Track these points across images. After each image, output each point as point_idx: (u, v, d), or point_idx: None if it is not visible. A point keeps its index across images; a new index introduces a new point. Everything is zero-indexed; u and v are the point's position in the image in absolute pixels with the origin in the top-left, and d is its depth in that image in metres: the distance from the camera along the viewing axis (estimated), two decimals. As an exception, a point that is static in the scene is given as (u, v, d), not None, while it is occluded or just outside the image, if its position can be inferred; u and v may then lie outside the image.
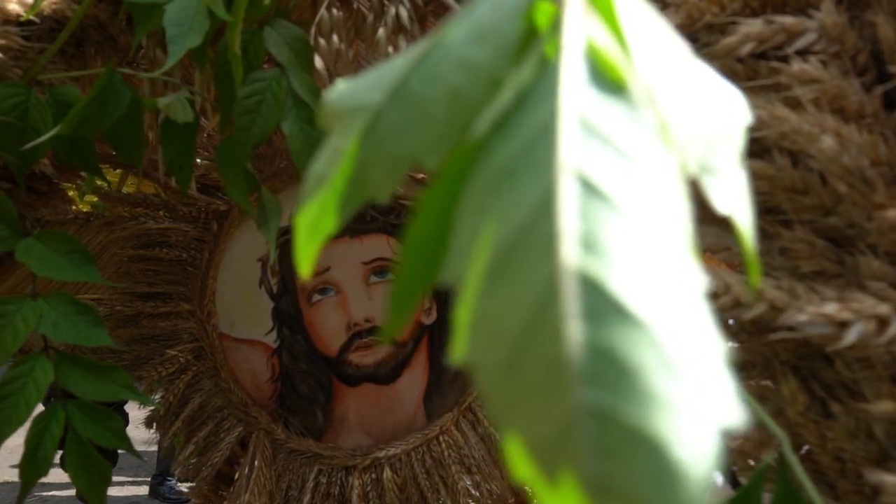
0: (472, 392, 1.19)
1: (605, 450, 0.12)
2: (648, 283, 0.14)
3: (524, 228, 0.15)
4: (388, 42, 0.75)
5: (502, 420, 0.14)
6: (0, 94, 0.65)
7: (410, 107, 0.19)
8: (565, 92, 0.16)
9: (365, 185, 0.20)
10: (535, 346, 0.14)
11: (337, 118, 0.21)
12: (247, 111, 0.63)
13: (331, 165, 0.20)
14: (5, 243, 0.67)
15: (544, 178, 0.15)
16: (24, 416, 0.63)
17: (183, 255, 1.19)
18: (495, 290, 0.15)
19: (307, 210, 0.21)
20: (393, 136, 0.20)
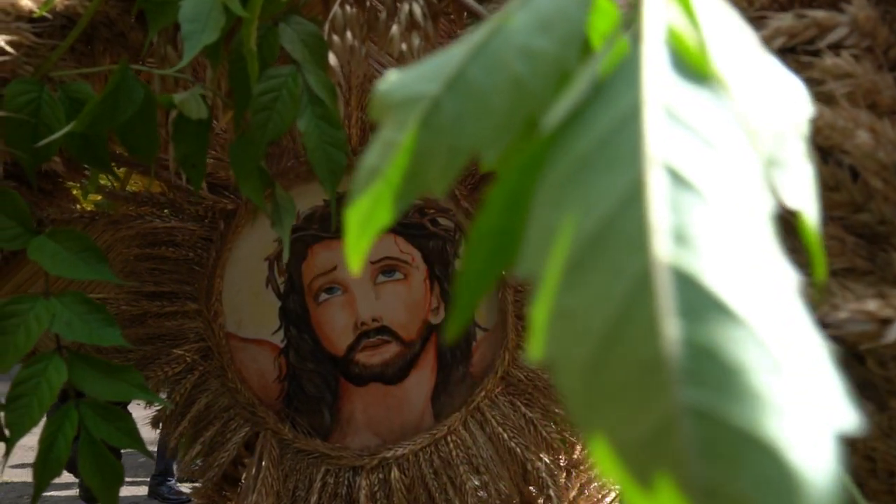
0: (479, 392, 1.19)
1: (711, 452, 0.12)
2: (743, 277, 0.13)
3: (609, 221, 0.14)
4: (402, 39, 0.75)
5: (587, 421, 0.13)
6: (12, 91, 0.64)
7: (469, 97, 0.19)
8: (648, 80, 0.15)
9: (421, 177, 0.19)
10: (624, 343, 0.13)
11: (390, 110, 0.20)
12: (262, 108, 0.62)
13: (384, 158, 0.20)
14: (17, 241, 0.66)
15: (630, 170, 0.14)
16: (38, 416, 0.62)
17: (189, 255, 1.18)
18: (577, 285, 0.14)
19: (359, 204, 0.20)
20: (451, 128, 0.19)
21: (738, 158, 0.15)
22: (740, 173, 0.15)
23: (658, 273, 0.13)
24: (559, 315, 0.14)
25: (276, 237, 1.18)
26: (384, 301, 1.19)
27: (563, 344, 0.14)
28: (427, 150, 0.19)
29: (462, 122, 0.19)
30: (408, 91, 0.20)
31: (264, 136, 0.62)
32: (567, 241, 0.14)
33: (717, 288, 0.13)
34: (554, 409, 1.19)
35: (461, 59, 0.20)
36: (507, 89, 0.19)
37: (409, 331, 1.19)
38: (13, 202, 0.66)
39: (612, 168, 0.15)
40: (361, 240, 0.21)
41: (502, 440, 1.18)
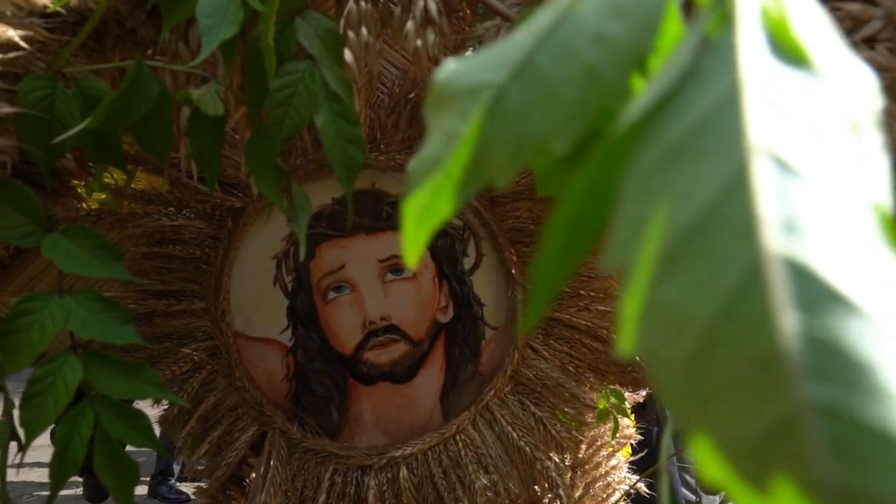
0: (488, 391, 1.18)
1: (842, 451, 0.11)
2: (855, 267, 0.13)
3: (709, 211, 0.13)
4: (417, 35, 0.74)
5: (689, 417, 0.13)
6: (26, 87, 0.64)
7: (537, 86, 0.18)
8: (746, 64, 0.15)
9: (484, 168, 0.19)
10: (732, 337, 0.12)
11: (450, 100, 0.20)
12: (279, 104, 0.61)
13: (445, 149, 0.19)
14: (30, 239, 0.65)
15: (730, 157, 0.14)
16: (53, 415, 0.62)
17: (197, 253, 1.17)
18: (675, 276, 0.13)
19: (417, 196, 0.20)
20: (518, 117, 0.18)
21: (839, 145, 0.14)
22: (842, 161, 0.14)
23: (769, 264, 0.13)
24: (654, 307, 0.13)
25: (283, 235, 1.17)
26: (393, 300, 1.18)
27: (661, 337, 0.13)
28: (492, 141, 0.19)
29: (529, 111, 0.18)
30: (470, 80, 0.20)
31: (281, 131, 0.62)
32: (660, 232, 0.14)
33: (832, 278, 0.13)
34: (563, 408, 1.19)
35: (527, 46, 0.19)
36: (578, 77, 0.18)
37: (418, 330, 1.19)
38: (26, 199, 0.65)
39: (709, 156, 0.14)
40: (419, 233, 0.20)
41: (511, 439, 1.17)
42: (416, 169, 0.20)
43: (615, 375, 1.20)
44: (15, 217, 0.65)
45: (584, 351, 1.18)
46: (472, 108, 0.19)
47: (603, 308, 1.19)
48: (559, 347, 1.19)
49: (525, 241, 1.18)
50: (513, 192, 1.17)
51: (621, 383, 1.22)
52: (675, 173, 0.14)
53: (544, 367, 1.18)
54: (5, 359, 0.63)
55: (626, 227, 0.14)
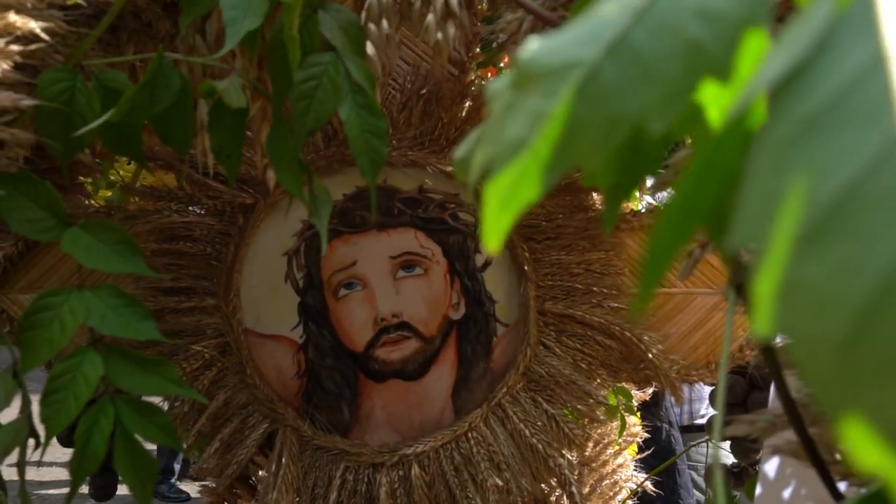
0: (500, 388, 1.18)
1: None
2: None
3: (855, 186, 0.13)
4: (437, 28, 0.74)
5: (841, 401, 0.12)
6: (46, 80, 0.63)
7: (633, 63, 0.18)
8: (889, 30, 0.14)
9: (574, 149, 0.18)
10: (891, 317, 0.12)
11: (536, 78, 0.19)
12: (303, 96, 0.61)
13: (532, 129, 0.19)
14: (50, 233, 0.64)
15: (878, 130, 0.13)
16: (74, 411, 0.61)
17: (207, 249, 1.17)
18: (819, 254, 0.13)
19: (501, 179, 0.19)
20: (612, 96, 0.18)
21: None
22: None
23: (927, 240, 0.12)
24: (797, 287, 0.13)
25: (294, 232, 1.17)
26: (404, 296, 1.17)
27: (807, 318, 0.13)
28: (583, 120, 0.18)
29: (625, 89, 0.18)
30: (558, 58, 0.19)
31: (305, 124, 0.61)
32: (799, 208, 0.13)
33: None
34: (575, 405, 1.18)
35: (623, 22, 0.18)
36: (679, 54, 0.17)
37: (430, 326, 1.18)
38: (46, 193, 0.65)
39: (852, 128, 0.13)
40: (502, 218, 0.20)
41: (524, 437, 1.17)
42: (499, 150, 0.19)
43: (628, 372, 1.20)
44: (34, 211, 0.64)
45: (597, 348, 1.18)
46: (561, 87, 0.19)
47: (616, 305, 1.18)
48: (572, 344, 1.18)
49: (538, 237, 1.17)
50: (525, 188, 1.16)
51: (634, 380, 1.22)
52: (813, 147, 0.14)
53: (557, 365, 1.17)
54: (25, 354, 0.62)
55: (758, 203, 0.14)
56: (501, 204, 0.19)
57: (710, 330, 1.22)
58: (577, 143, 0.18)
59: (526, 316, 1.17)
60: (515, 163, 0.19)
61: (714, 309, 1.21)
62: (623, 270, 1.20)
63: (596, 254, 1.18)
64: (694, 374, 1.22)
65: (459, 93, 1.14)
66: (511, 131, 0.19)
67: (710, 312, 1.21)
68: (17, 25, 0.61)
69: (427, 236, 1.17)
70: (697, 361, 1.22)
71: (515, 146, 0.19)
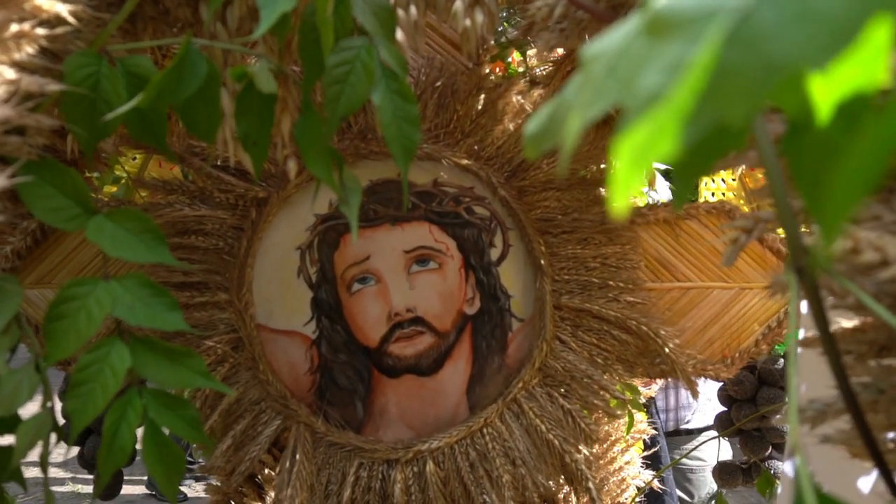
0: (516, 383, 1.16)
1: None
2: None
3: None
4: (466, 15, 0.72)
5: None
6: (71, 65, 0.62)
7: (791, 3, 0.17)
8: None
9: (721, 99, 0.17)
10: None
11: (674, 27, 0.18)
12: (335, 81, 0.59)
13: (668, 80, 0.17)
14: (75, 222, 0.63)
15: None
16: (102, 403, 0.59)
17: (220, 244, 1.15)
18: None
19: (634, 133, 0.18)
20: (767, 39, 0.17)
21: None
22: None
23: None
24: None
25: (307, 226, 1.15)
26: (418, 291, 1.16)
27: None
28: (734, 67, 0.17)
29: (782, 31, 0.17)
30: (701, 3, 0.18)
31: (337, 110, 0.60)
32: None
33: None
34: (591, 401, 1.17)
35: (774, -37, 0.17)
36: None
37: (444, 321, 1.17)
38: (71, 180, 0.63)
39: None
40: (634, 174, 0.18)
41: (540, 432, 1.16)
42: (634, 103, 0.18)
43: (644, 367, 1.19)
44: (59, 199, 0.63)
45: (613, 343, 1.17)
46: (706, 33, 0.17)
47: (632, 299, 1.17)
48: (588, 339, 1.17)
49: (553, 231, 1.16)
50: (541, 181, 1.15)
51: (650, 375, 1.21)
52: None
53: (573, 360, 1.16)
54: (51, 346, 0.61)
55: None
56: (635, 159, 0.18)
57: (726, 324, 1.21)
58: (726, 92, 0.17)
59: (542, 310, 1.16)
60: (651, 116, 0.18)
61: (730, 303, 1.20)
62: (639, 264, 1.19)
63: (612, 248, 1.17)
64: (710, 369, 1.21)
65: (475, 85, 1.13)
66: (646, 83, 0.18)
67: (726, 307, 1.20)
68: (44, 8, 0.59)
69: (441, 230, 1.16)
70: (713, 356, 1.21)
71: (650, 98, 0.18)
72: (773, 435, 1.67)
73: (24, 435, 0.62)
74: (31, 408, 0.63)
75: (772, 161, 0.44)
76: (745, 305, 1.20)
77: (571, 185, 1.16)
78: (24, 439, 0.62)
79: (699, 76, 0.18)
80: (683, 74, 0.18)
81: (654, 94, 0.18)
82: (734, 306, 1.21)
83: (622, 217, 0.17)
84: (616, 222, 1.17)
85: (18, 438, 0.62)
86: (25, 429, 0.62)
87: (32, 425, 0.63)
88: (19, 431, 0.62)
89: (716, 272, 1.20)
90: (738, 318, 1.21)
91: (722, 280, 1.20)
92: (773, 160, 0.44)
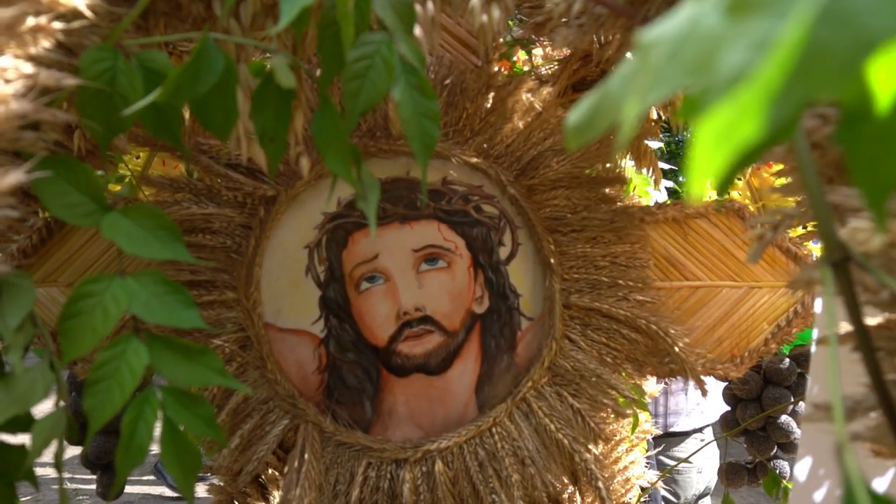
0: (525, 382, 1.16)
1: None
2: None
3: None
4: (482, 11, 0.72)
5: None
6: (88, 59, 0.61)
7: (887, -21, 0.16)
8: None
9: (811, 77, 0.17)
10: None
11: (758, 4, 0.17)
12: (355, 76, 0.59)
13: (754, 58, 0.17)
14: (90, 218, 0.62)
15: None
16: (119, 401, 0.59)
17: (227, 242, 1.15)
18: None
19: (717, 113, 0.17)
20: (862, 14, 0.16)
21: None
22: None
23: None
24: None
25: (316, 224, 1.15)
26: (427, 290, 1.16)
27: None
28: (825, 45, 0.17)
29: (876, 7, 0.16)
30: (788, -20, 0.18)
31: (356, 105, 0.59)
32: None
33: None
34: (602, 400, 1.17)
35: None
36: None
37: (453, 320, 1.16)
38: (86, 176, 0.62)
39: None
40: (715, 157, 0.18)
41: (549, 432, 1.15)
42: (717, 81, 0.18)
43: (653, 366, 1.18)
44: (74, 195, 0.62)
45: (623, 342, 1.16)
46: (794, 9, 0.17)
47: (641, 298, 1.16)
48: (597, 338, 1.17)
49: (562, 229, 1.15)
50: (550, 180, 1.14)
51: (659, 374, 1.20)
52: None
53: (582, 359, 1.16)
54: (67, 344, 0.60)
55: None
56: (716, 142, 0.18)
57: (735, 323, 1.20)
58: (817, 70, 0.17)
59: (551, 309, 1.16)
60: (735, 96, 0.17)
61: (739, 302, 1.20)
62: (648, 263, 1.18)
63: (621, 246, 1.16)
64: (719, 368, 1.21)
65: (484, 83, 1.13)
66: (729, 61, 0.18)
67: (735, 306, 1.20)
68: (61, 2, 0.59)
69: (450, 229, 1.15)
70: (722, 355, 1.21)
71: (735, 77, 0.17)
72: (779, 434, 1.67)
73: (39, 434, 0.62)
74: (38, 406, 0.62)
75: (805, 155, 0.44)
76: (754, 304, 1.20)
77: (581, 183, 1.15)
78: (40, 438, 0.62)
79: (788, 53, 0.17)
80: (771, 52, 0.17)
81: (739, 73, 0.17)
82: (743, 305, 1.20)
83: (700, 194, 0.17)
84: (625, 221, 1.16)
85: (34, 437, 0.61)
86: (41, 428, 0.62)
87: (47, 424, 0.63)
88: (35, 430, 0.61)
89: (725, 271, 1.20)
90: (748, 317, 1.20)
91: (731, 279, 1.20)
92: (806, 154, 0.44)
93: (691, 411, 2.76)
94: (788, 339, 1.21)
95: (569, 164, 1.14)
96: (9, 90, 0.55)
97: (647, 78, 0.25)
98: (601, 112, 0.32)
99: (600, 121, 0.32)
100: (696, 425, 2.76)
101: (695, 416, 2.76)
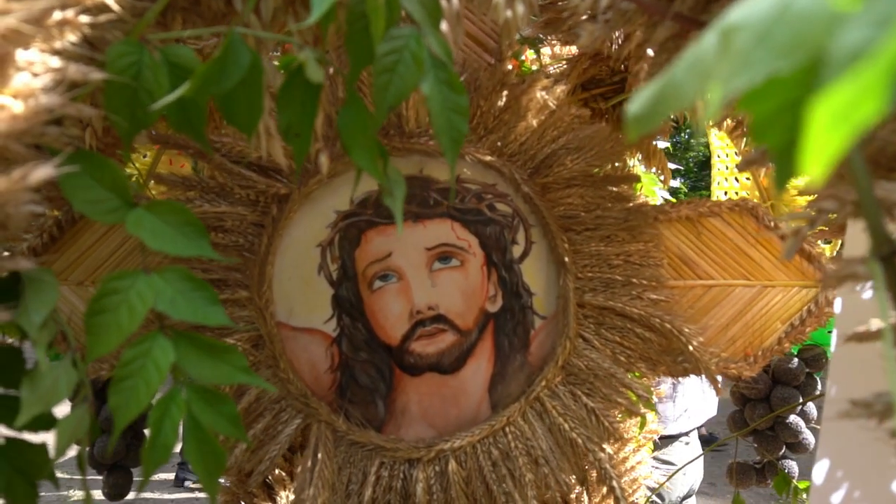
0: (539, 381, 1.15)
1: None
2: None
3: None
4: (507, 6, 0.71)
5: None
6: (114, 53, 0.60)
7: None
8: None
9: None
10: None
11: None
12: (384, 70, 0.58)
13: (875, 36, 0.16)
14: (115, 215, 0.61)
15: None
16: (145, 399, 0.58)
17: (240, 241, 1.14)
18: None
19: (836, 93, 0.17)
20: None
21: None
22: None
23: None
24: None
25: (328, 223, 1.14)
26: (440, 289, 1.15)
27: None
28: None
29: None
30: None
31: (385, 99, 0.58)
32: None
33: None
34: (615, 399, 1.16)
35: None
36: None
37: (466, 319, 1.16)
38: (111, 172, 0.62)
39: None
40: (832, 138, 0.17)
41: (563, 431, 1.15)
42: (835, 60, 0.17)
43: (667, 365, 1.18)
44: (98, 191, 0.61)
45: (636, 340, 1.16)
46: (919, -13, 0.17)
47: (655, 297, 1.16)
48: (611, 337, 1.16)
49: (576, 228, 1.15)
50: (564, 178, 1.14)
51: (673, 373, 1.20)
52: None
53: (596, 357, 1.15)
54: (92, 341, 0.59)
55: None
56: (834, 122, 0.17)
57: (748, 322, 1.20)
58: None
59: (565, 308, 1.15)
60: (855, 74, 0.17)
61: (752, 301, 1.19)
62: (662, 262, 1.18)
63: (635, 245, 1.16)
64: (732, 367, 1.20)
65: (498, 81, 1.12)
66: (848, 40, 0.17)
67: (749, 305, 1.19)
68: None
69: (463, 227, 1.15)
70: (735, 354, 1.20)
71: (855, 55, 0.17)
72: (787, 434, 1.66)
73: (63, 432, 0.61)
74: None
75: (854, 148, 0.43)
76: (767, 303, 1.20)
77: (594, 182, 1.15)
78: (64, 437, 0.61)
79: (913, 31, 0.17)
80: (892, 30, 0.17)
81: (860, 51, 0.17)
82: (756, 304, 1.20)
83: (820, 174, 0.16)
84: (639, 220, 1.16)
85: (58, 436, 0.60)
86: (65, 426, 0.61)
87: (71, 423, 0.62)
88: (59, 428, 0.60)
89: (738, 270, 1.20)
90: (761, 316, 1.20)
91: (744, 278, 1.20)
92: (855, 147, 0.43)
93: (678, 417, 2.83)
94: (802, 337, 1.21)
95: (583, 162, 1.14)
96: (37, 84, 0.55)
97: (731, 63, 0.24)
98: (664, 101, 0.31)
99: (664, 109, 0.32)
100: (682, 429, 2.84)
101: (682, 421, 2.83)
